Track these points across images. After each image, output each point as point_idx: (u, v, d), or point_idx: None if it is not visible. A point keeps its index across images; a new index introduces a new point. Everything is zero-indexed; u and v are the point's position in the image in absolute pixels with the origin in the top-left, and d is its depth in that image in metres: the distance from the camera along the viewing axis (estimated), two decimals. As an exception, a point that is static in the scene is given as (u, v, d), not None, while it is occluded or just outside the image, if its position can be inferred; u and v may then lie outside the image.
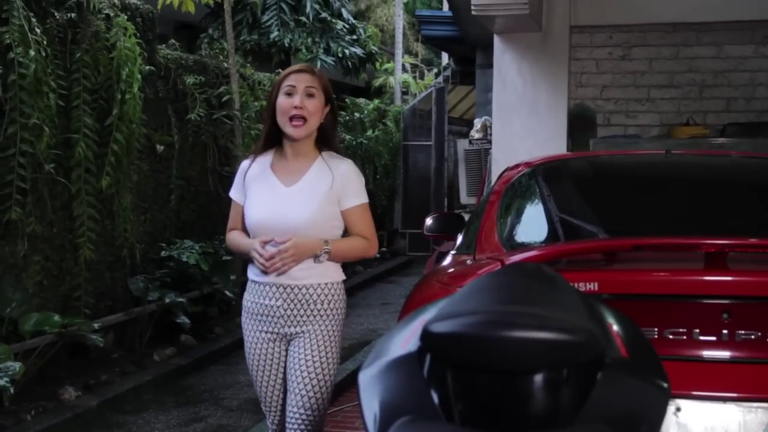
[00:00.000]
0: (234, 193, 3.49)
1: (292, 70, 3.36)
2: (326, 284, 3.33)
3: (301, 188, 3.30)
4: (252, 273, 3.39)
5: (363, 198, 3.39)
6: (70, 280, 6.40)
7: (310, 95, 3.28)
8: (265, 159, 3.40)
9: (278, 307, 3.30)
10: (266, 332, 3.36)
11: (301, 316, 3.30)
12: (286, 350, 3.38)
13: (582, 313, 1.41)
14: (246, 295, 3.44)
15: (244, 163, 3.48)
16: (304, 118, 3.25)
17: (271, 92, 3.39)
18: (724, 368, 2.60)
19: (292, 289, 3.28)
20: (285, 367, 3.40)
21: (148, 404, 6.12)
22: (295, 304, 3.29)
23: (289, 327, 3.32)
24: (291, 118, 3.25)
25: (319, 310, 3.30)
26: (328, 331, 3.33)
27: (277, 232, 3.23)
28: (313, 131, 3.34)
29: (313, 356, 3.30)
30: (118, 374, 6.44)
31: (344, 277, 3.43)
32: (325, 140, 3.41)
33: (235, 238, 3.47)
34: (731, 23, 6.94)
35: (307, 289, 3.29)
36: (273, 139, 3.40)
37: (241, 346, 3.53)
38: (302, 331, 3.31)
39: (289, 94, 3.27)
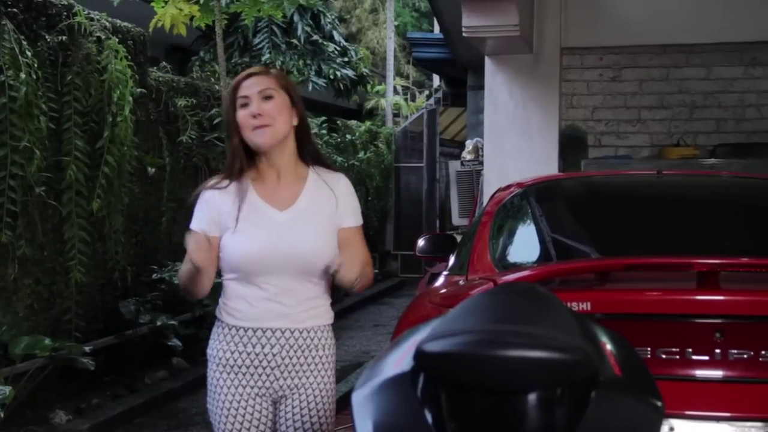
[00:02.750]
0: (201, 225, 2.79)
1: (241, 77, 2.82)
2: (324, 326, 2.85)
3: (300, 211, 2.78)
4: (233, 318, 2.81)
5: (360, 219, 2.93)
6: (61, 303, 6.37)
7: (268, 97, 2.75)
8: (241, 184, 2.81)
9: (275, 356, 2.76)
10: (252, 387, 2.80)
11: (301, 365, 2.79)
12: (274, 408, 2.85)
13: (575, 333, 1.41)
14: (220, 345, 2.85)
15: (211, 192, 2.83)
16: (264, 125, 2.74)
17: (225, 110, 2.87)
18: (717, 387, 2.60)
19: (292, 333, 2.76)
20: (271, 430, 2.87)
21: (140, 428, 6.08)
22: (295, 351, 2.77)
23: (285, 379, 2.79)
24: (254, 129, 2.74)
25: (321, 357, 2.83)
26: (326, 382, 2.86)
27: (278, 265, 2.71)
28: (283, 136, 2.78)
29: (311, 415, 2.82)
30: (109, 398, 6.41)
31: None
32: (308, 150, 2.89)
33: (182, 269, 2.82)
34: (721, 45, 6.99)
35: (308, 333, 2.79)
36: (243, 161, 2.82)
37: None
38: (300, 385, 2.81)
39: (244, 106, 2.76)
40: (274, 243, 2.71)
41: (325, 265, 2.75)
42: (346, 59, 14.45)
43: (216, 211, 2.79)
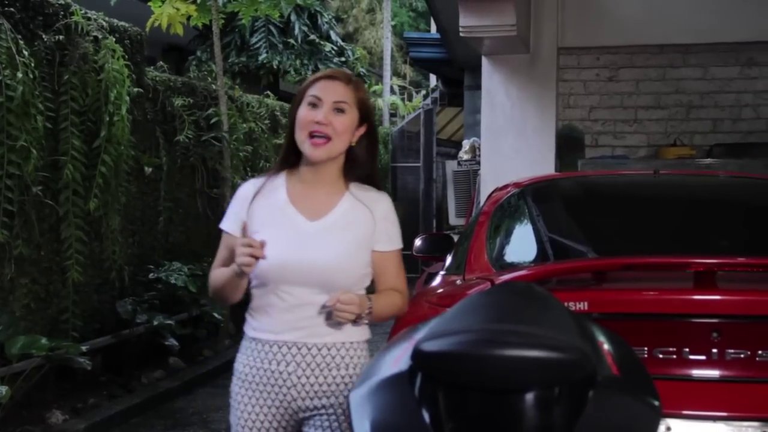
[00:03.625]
0: (229, 225, 2.68)
1: (321, 75, 2.65)
2: (351, 343, 2.63)
3: (330, 224, 2.60)
4: (252, 329, 2.64)
5: (400, 242, 2.73)
6: (58, 302, 6.36)
7: (340, 110, 2.56)
8: (276, 185, 2.67)
9: (290, 374, 2.56)
10: (273, 406, 2.59)
11: (320, 386, 2.57)
12: (298, 429, 2.65)
13: (573, 332, 1.41)
14: (241, 358, 2.66)
15: (245, 189, 2.70)
16: (326, 137, 2.55)
17: (294, 101, 2.65)
18: (713, 387, 2.60)
19: (309, 349, 2.56)
20: None
21: (137, 427, 6.08)
22: (312, 370, 2.56)
23: (304, 400, 2.58)
24: (311, 134, 2.55)
25: (343, 377, 2.59)
26: None
27: (297, 276, 2.54)
28: (337, 155, 2.62)
29: None
30: (105, 397, 6.40)
31: (370, 335, 2.73)
32: (357, 170, 2.69)
33: (217, 273, 2.68)
34: (717, 45, 7.01)
35: (329, 350, 2.58)
36: (290, 160, 2.68)
37: (230, 368, 2.82)
38: (321, 406, 2.58)
39: (312, 105, 2.56)
40: (296, 252, 2.54)
41: (349, 282, 2.58)
42: (343, 59, 14.47)
43: (243, 208, 2.66)
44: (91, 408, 6.12)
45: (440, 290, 3.58)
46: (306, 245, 2.55)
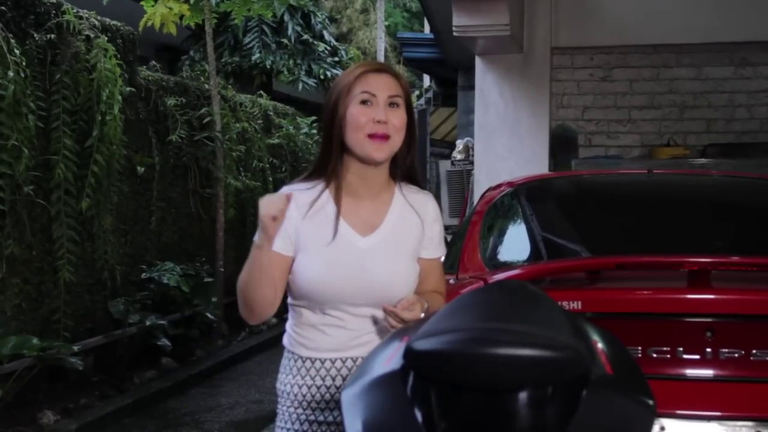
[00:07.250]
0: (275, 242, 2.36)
1: (368, 68, 2.38)
2: None
3: (383, 237, 2.39)
4: (305, 348, 2.40)
5: (444, 248, 2.56)
6: (50, 302, 6.33)
7: (394, 105, 2.35)
8: (321, 197, 2.39)
9: None
10: (333, 423, 2.38)
11: None
12: None
13: (567, 331, 1.40)
14: (289, 379, 2.42)
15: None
16: (386, 135, 2.32)
17: (332, 98, 2.38)
18: (707, 387, 2.59)
19: None
20: None
21: (128, 428, 6.06)
22: None
23: None
24: (370, 135, 2.31)
25: None
26: None
27: (354, 296, 2.34)
28: (394, 153, 2.40)
29: None
30: (97, 398, 6.38)
31: None
32: (401, 169, 2.47)
33: (243, 276, 2.36)
34: (711, 45, 7.01)
35: None
36: (329, 167, 2.39)
37: (223, 368, 2.52)
38: None
39: (365, 103, 2.32)
40: (353, 273, 2.34)
41: (405, 294, 2.36)
42: (336, 59, 14.47)
43: (291, 225, 2.35)
44: (83, 408, 6.10)
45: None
46: (362, 263, 2.35)
